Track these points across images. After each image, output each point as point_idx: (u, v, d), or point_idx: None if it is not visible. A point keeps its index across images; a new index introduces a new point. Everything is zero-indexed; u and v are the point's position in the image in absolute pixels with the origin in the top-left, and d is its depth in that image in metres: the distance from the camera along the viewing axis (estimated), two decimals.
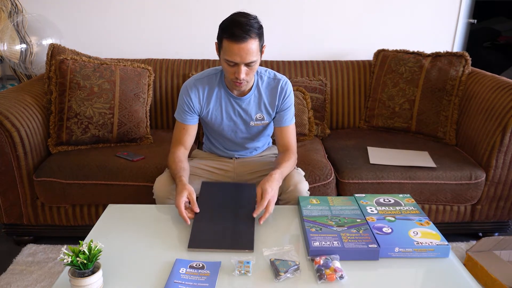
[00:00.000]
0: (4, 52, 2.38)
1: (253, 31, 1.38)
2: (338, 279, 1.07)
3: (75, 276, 1.00)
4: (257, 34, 1.40)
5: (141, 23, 2.57)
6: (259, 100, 1.61)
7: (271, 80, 1.62)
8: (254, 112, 1.62)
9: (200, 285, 1.04)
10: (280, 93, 1.61)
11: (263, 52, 1.50)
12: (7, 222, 1.94)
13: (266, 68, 1.65)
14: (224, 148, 1.76)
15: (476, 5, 2.77)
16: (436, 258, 1.18)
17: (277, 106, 1.62)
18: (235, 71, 1.43)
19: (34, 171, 1.86)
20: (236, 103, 1.61)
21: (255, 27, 1.39)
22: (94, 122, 1.99)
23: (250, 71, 1.45)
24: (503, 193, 1.95)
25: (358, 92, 2.42)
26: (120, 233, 1.29)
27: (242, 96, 1.60)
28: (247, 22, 1.38)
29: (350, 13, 2.58)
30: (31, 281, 1.74)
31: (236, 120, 1.64)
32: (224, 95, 1.60)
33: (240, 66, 1.41)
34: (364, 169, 1.89)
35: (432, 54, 2.26)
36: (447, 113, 2.15)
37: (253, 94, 1.61)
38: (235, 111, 1.62)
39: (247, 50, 1.38)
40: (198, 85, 1.59)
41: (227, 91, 1.59)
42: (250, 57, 1.40)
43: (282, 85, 1.61)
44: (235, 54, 1.38)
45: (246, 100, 1.60)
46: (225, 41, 1.39)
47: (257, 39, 1.40)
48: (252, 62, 1.42)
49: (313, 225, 1.26)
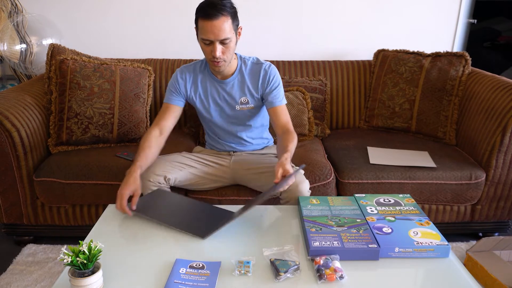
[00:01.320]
0: (4, 52, 2.38)
1: (225, 9, 1.46)
2: (338, 279, 1.07)
3: (75, 276, 1.00)
4: (229, 13, 1.48)
5: (141, 23, 2.57)
6: (242, 84, 1.69)
7: (254, 64, 1.71)
8: (238, 96, 1.69)
9: (200, 285, 1.04)
10: (264, 76, 1.68)
11: (239, 34, 1.58)
12: (7, 222, 1.94)
13: (251, 56, 1.74)
14: (218, 139, 1.80)
15: (476, 5, 2.77)
16: (436, 258, 1.18)
17: (261, 89, 1.69)
18: (211, 50, 1.52)
19: (34, 171, 1.86)
20: (220, 87, 1.69)
21: (228, 6, 1.48)
22: (94, 122, 1.99)
23: (226, 49, 1.53)
24: (503, 193, 1.95)
25: (358, 92, 2.42)
26: (120, 233, 1.29)
27: (225, 79, 1.68)
28: (219, 2, 1.47)
29: (350, 13, 2.58)
30: (31, 281, 1.74)
31: (222, 105, 1.71)
32: (208, 80, 1.70)
33: (215, 43, 1.50)
34: (364, 169, 1.89)
35: (432, 54, 2.26)
36: (447, 113, 2.15)
37: (236, 78, 1.69)
38: (220, 95, 1.70)
39: (219, 27, 1.46)
40: (185, 70, 1.71)
41: (211, 76, 1.69)
42: (223, 34, 1.48)
43: (265, 68, 1.68)
44: (209, 32, 1.47)
45: (229, 84, 1.68)
46: (200, 20, 1.49)
47: (229, 17, 1.48)
48: (226, 39, 1.49)
49: (313, 225, 1.26)
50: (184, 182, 1.67)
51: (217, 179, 1.74)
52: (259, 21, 2.53)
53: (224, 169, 1.74)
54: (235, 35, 1.55)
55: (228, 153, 1.81)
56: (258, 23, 2.53)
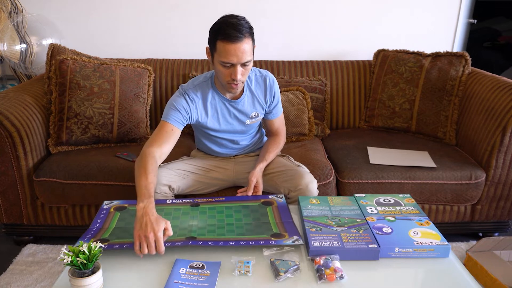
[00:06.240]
0: (4, 52, 2.38)
1: (246, 30, 1.40)
2: (338, 279, 1.07)
3: (75, 276, 1.00)
4: (250, 34, 1.42)
5: (141, 23, 2.57)
6: (252, 100, 1.65)
7: (258, 77, 1.66)
8: (250, 112, 1.65)
9: (200, 285, 1.04)
10: (270, 90, 1.66)
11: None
12: (7, 222, 1.94)
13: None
14: (219, 148, 1.75)
15: (476, 5, 2.77)
16: (436, 258, 1.18)
17: (268, 102, 1.68)
18: (231, 72, 1.43)
19: (34, 171, 1.86)
20: (232, 106, 1.62)
21: (247, 27, 1.41)
22: (94, 122, 1.99)
23: (245, 71, 1.46)
24: (503, 193, 1.95)
25: (358, 92, 2.42)
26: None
27: (236, 99, 1.61)
28: (238, 22, 1.39)
29: (350, 13, 2.58)
30: (31, 281, 1.74)
31: (232, 122, 1.65)
32: (218, 100, 1.60)
33: (237, 66, 1.42)
34: (364, 169, 1.89)
35: (432, 54, 2.26)
36: (447, 113, 2.15)
37: (246, 95, 1.63)
38: (231, 114, 1.64)
39: (242, 50, 1.39)
40: (192, 94, 1.57)
41: (220, 96, 1.60)
42: (246, 57, 1.41)
43: (270, 82, 1.66)
44: (232, 55, 1.39)
45: (240, 102, 1.62)
46: (220, 43, 1.39)
47: (250, 39, 1.42)
48: (247, 61, 1.43)
49: (313, 225, 1.26)
50: (187, 189, 1.67)
51: (218, 183, 1.74)
52: (260, 21, 2.52)
53: (227, 172, 1.74)
54: (253, 55, 1.47)
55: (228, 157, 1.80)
56: (258, 23, 2.51)
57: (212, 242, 1.18)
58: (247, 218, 1.34)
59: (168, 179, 1.59)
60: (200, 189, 1.71)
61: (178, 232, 1.25)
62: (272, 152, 1.70)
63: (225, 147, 1.75)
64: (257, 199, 1.48)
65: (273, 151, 1.71)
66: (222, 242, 1.18)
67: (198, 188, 1.70)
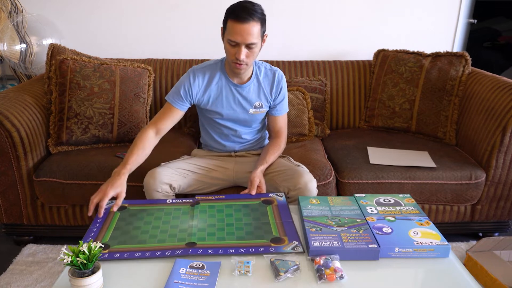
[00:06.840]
0: (4, 52, 2.38)
1: (256, 15, 1.47)
2: (338, 279, 1.07)
3: (75, 276, 1.00)
4: (259, 19, 1.49)
5: (141, 23, 2.57)
6: (258, 89, 1.70)
7: (268, 70, 1.73)
8: (254, 100, 1.70)
9: (200, 285, 1.04)
10: (278, 85, 1.72)
11: (264, 41, 1.58)
12: (7, 222, 1.94)
13: (261, 61, 1.76)
14: (220, 140, 1.78)
15: (476, 5, 2.77)
16: (436, 258, 1.18)
17: (273, 96, 1.72)
18: (236, 51, 1.51)
19: (34, 171, 1.86)
20: (237, 91, 1.68)
21: (259, 12, 1.49)
22: (94, 122, 1.99)
23: (250, 54, 1.53)
24: (503, 193, 1.95)
25: (358, 92, 2.42)
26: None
27: (242, 84, 1.68)
28: (251, 7, 1.48)
29: (350, 13, 2.58)
30: (31, 281, 1.74)
31: (236, 108, 1.70)
32: (225, 83, 1.68)
33: (241, 46, 1.50)
34: (364, 169, 1.89)
35: (432, 54, 2.26)
36: (447, 113, 2.15)
37: (253, 83, 1.69)
38: (235, 99, 1.69)
39: (248, 31, 1.47)
40: (199, 73, 1.67)
41: (228, 79, 1.67)
42: (251, 38, 1.48)
43: (278, 77, 1.72)
44: (237, 34, 1.47)
45: (246, 88, 1.68)
46: (230, 22, 1.49)
47: (259, 23, 1.49)
48: (252, 44, 1.50)
49: (313, 225, 1.26)
50: (188, 189, 1.68)
51: (219, 182, 1.74)
52: None
53: (228, 172, 1.75)
54: (261, 41, 1.55)
55: (229, 154, 1.81)
56: None
57: (212, 250, 1.18)
58: (247, 218, 1.34)
59: (169, 178, 1.60)
60: (200, 189, 1.71)
61: (178, 235, 1.25)
62: (272, 155, 1.71)
63: (227, 139, 1.77)
64: (257, 197, 1.49)
65: (274, 154, 1.72)
66: (222, 250, 1.18)
67: (199, 187, 1.70)
